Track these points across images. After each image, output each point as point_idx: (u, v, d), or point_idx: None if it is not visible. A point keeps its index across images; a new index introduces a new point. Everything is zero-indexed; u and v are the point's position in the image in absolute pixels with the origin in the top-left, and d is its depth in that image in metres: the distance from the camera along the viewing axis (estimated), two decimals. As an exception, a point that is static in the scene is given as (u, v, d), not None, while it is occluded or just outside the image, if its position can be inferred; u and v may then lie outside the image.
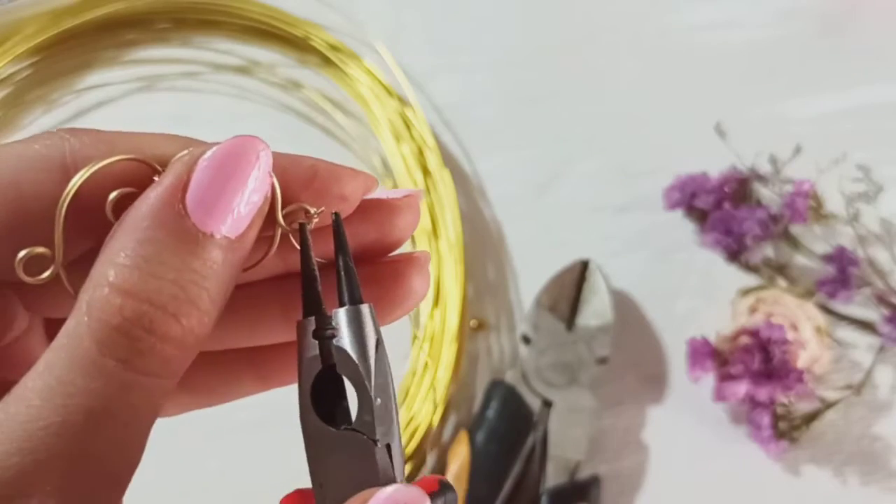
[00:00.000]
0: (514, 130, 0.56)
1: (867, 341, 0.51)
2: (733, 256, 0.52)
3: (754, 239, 0.51)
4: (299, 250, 0.21)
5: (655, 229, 0.53)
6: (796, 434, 0.48)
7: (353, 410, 0.20)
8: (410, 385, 0.50)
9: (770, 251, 0.52)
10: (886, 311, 0.51)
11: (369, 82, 0.55)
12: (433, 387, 0.49)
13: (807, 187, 0.51)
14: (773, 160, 0.53)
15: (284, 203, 0.20)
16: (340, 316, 0.20)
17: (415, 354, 0.50)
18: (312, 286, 0.21)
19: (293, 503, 0.22)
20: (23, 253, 0.19)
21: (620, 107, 0.56)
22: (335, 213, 0.21)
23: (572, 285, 0.50)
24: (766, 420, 0.48)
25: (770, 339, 0.48)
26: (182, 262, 0.18)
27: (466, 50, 0.58)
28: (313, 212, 0.21)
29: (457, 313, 0.50)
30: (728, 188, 0.52)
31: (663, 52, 0.58)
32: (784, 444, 0.48)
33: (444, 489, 0.20)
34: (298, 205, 0.21)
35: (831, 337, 0.51)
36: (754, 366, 0.47)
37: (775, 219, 0.51)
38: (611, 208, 0.54)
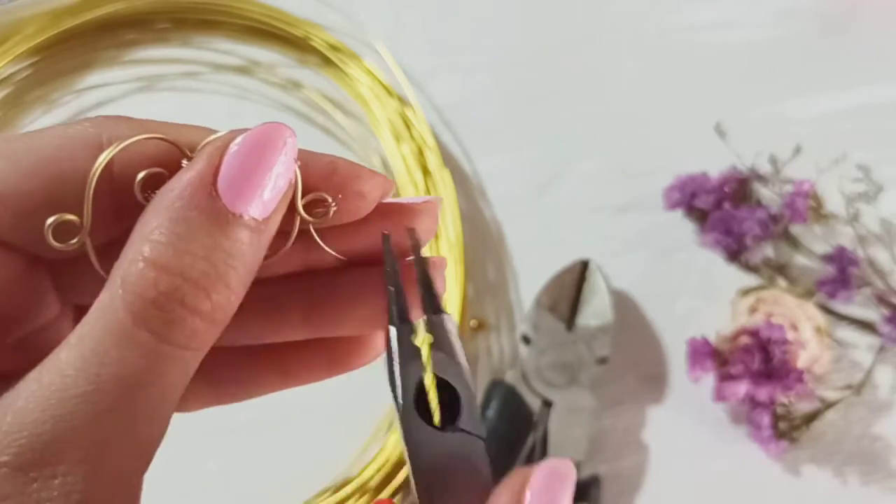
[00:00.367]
0: (514, 130, 0.56)
1: (867, 341, 0.51)
2: (733, 256, 0.52)
3: (754, 239, 0.51)
4: (314, 234, 0.22)
5: (655, 229, 0.53)
6: (796, 434, 0.48)
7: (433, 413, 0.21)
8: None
9: (770, 251, 0.52)
10: (886, 311, 0.51)
11: (369, 82, 0.55)
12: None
13: (807, 187, 0.51)
14: (773, 160, 0.53)
15: (304, 194, 0.21)
16: (428, 324, 0.22)
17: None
18: (402, 296, 0.22)
19: None
20: (52, 218, 0.20)
21: (620, 107, 0.56)
22: (410, 228, 0.23)
23: (572, 285, 0.50)
24: (766, 420, 0.48)
25: (770, 339, 0.48)
26: (213, 240, 0.19)
27: (466, 50, 0.58)
28: (331, 201, 0.21)
29: (457, 313, 0.50)
30: (728, 188, 0.52)
31: (663, 52, 0.58)
32: (784, 444, 0.48)
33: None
34: (317, 194, 0.21)
35: (831, 337, 0.51)
36: (754, 366, 0.47)
37: (775, 219, 0.51)
38: (611, 208, 0.54)
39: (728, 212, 0.51)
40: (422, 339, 0.21)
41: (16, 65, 0.55)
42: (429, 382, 0.21)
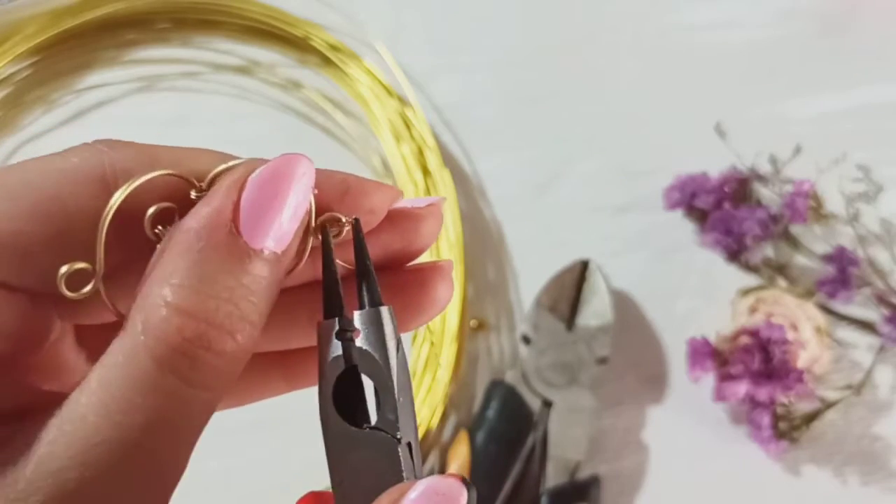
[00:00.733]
0: (514, 130, 0.56)
1: (867, 341, 0.51)
2: (733, 256, 0.52)
3: (754, 239, 0.51)
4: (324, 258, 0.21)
5: (655, 229, 0.53)
6: (796, 434, 0.48)
7: (371, 411, 0.21)
8: (410, 385, 0.50)
9: (770, 251, 0.52)
10: (886, 311, 0.51)
11: (369, 82, 0.55)
12: (444, 384, 0.49)
13: (807, 187, 0.51)
14: (773, 160, 0.53)
15: (317, 214, 0.21)
16: (362, 317, 0.21)
17: (415, 354, 0.50)
18: (334, 288, 0.21)
19: (309, 502, 0.22)
20: (64, 269, 0.19)
21: (620, 107, 0.56)
22: (354, 218, 0.21)
23: (572, 285, 0.50)
24: (766, 420, 0.48)
25: (770, 339, 0.48)
26: (235, 279, 0.19)
27: (466, 50, 0.58)
28: (344, 220, 0.21)
29: (457, 313, 0.50)
30: (728, 188, 0.52)
31: (663, 52, 0.58)
32: (784, 444, 0.48)
33: (467, 487, 0.20)
34: (331, 214, 0.21)
35: (831, 337, 0.51)
36: (754, 366, 0.47)
37: (775, 219, 0.51)
38: (611, 208, 0.54)
39: (728, 212, 0.51)
40: (345, 335, 0.21)
41: (16, 65, 0.55)
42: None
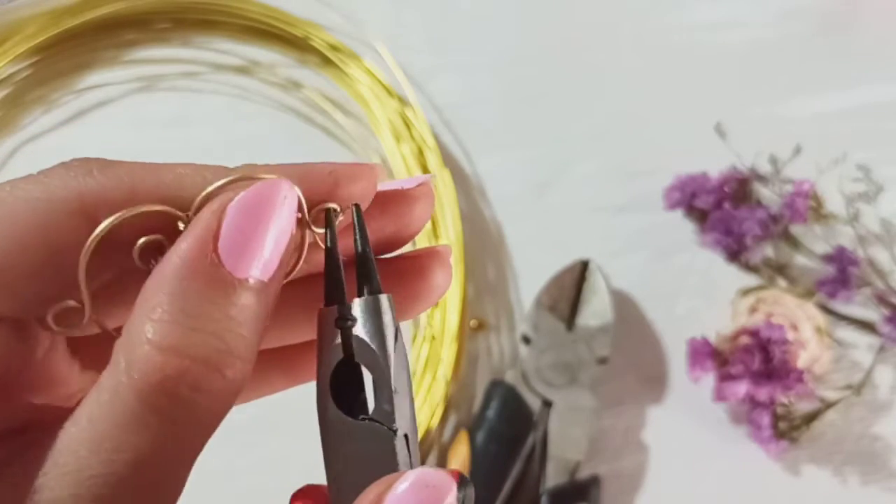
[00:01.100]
0: (514, 130, 0.56)
1: (867, 341, 0.51)
2: (733, 256, 0.52)
3: (754, 239, 0.51)
4: (322, 246, 0.21)
5: (655, 229, 0.53)
6: (796, 434, 0.48)
7: (369, 401, 0.20)
8: (410, 385, 0.50)
9: (770, 251, 0.52)
10: (886, 311, 0.51)
11: (369, 82, 0.55)
12: (446, 382, 0.49)
13: (807, 187, 0.51)
14: (773, 160, 0.53)
15: (309, 207, 0.21)
16: (360, 305, 0.20)
17: (415, 354, 0.50)
18: (336, 276, 0.21)
19: (305, 498, 0.22)
20: (53, 309, 0.19)
21: (620, 107, 0.56)
22: (355, 204, 0.21)
23: (572, 285, 0.50)
24: (766, 420, 0.48)
25: (770, 339, 0.48)
26: (220, 311, 0.18)
27: (466, 50, 0.58)
28: (338, 210, 0.21)
29: (457, 313, 0.50)
30: (728, 188, 0.52)
31: (663, 52, 0.58)
32: (784, 444, 0.48)
33: (463, 482, 0.20)
34: (326, 205, 0.21)
35: (831, 337, 0.51)
36: (754, 366, 0.47)
37: (775, 219, 0.51)
38: (611, 208, 0.54)
39: (728, 212, 0.51)
40: (344, 323, 0.20)
41: (16, 65, 0.55)
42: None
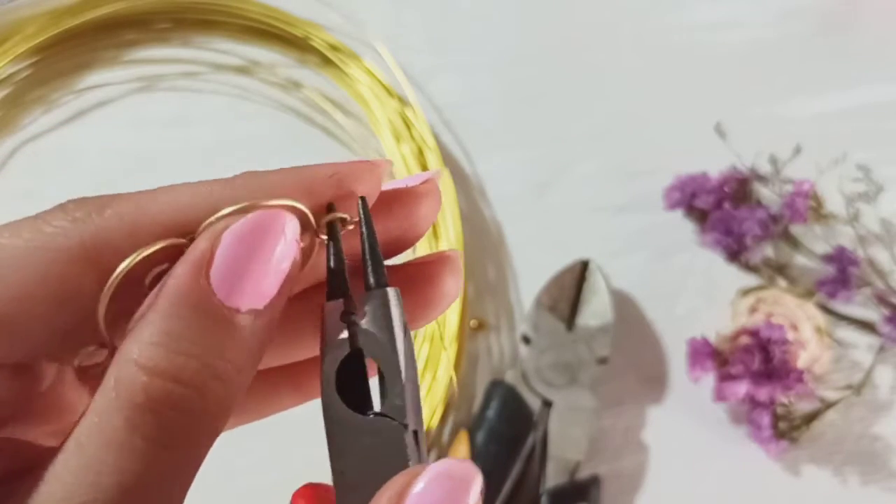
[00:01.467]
0: (514, 130, 0.56)
1: (867, 341, 0.51)
2: (733, 256, 0.52)
3: (754, 239, 0.51)
4: (327, 241, 0.21)
5: (655, 229, 0.53)
6: (796, 434, 0.48)
7: (374, 397, 0.20)
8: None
9: (770, 251, 0.52)
10: (886, 311, 0.51)
11: (369, 82, 0.55)
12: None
13: (807, 187, 0.51)
14: (773, 160, 0.53)
15: (314, 212, 0.20)
16: (367, 299, 0.20)
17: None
18: (339, 268, 0.20)
19: (306, 497, 0.22)
20: (78, 358, 0.19)
21: (620, 107, 0.56)
22: (361, 197, 0.21)
23: (572, 285, 0.50)
24: (766, 420, 0.48)
25: (770, 339, 0.48)
26: (208, 337, 0.18)
27: (466, 50, 0.58)
28: (348, 218, 0.20)
29: (457, 313, 0.50)
30: (728, 188, 0.52)
31: (663, 52, 0.58)
32: (784, 444, 0.48)
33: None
34: (334, 215, 0.20)
35: (831, 337, 0.51)
36: (754, 366, 0.47)
37: (775, 219, 0.51)
38: (611, 208, 0.54)
39: (728, 212, 0.51)
40: (350, 317, 0.20)
41: (16, 65, 0.55)
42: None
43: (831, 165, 0.53)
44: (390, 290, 0.20)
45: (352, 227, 0.21)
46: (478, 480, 0.18)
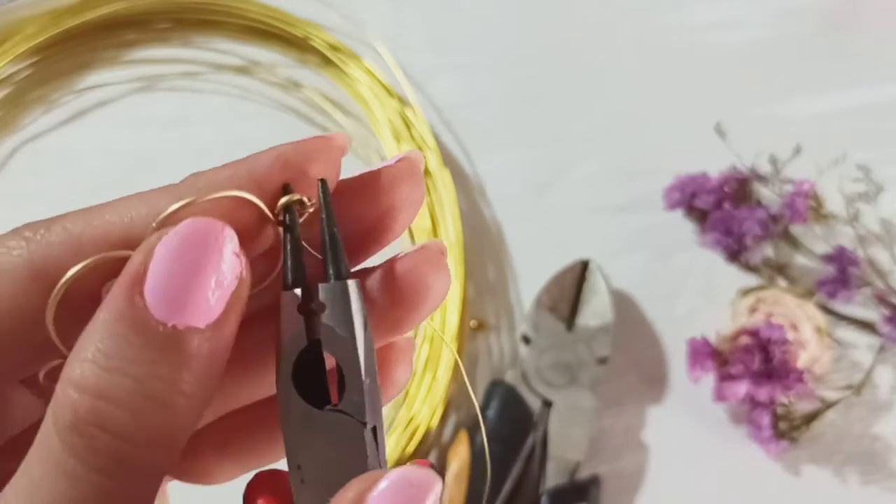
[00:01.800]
0: (514, 130, 0.56)
1: (867, 341, 0.51)
2: (733, 256, 0.52)
3: (754, 239, 0.51)
4: (282, 227, 0.19)
5: (655, 229, 0.53)
6: (796, 434, 0.48)
7: (331, 391, 0.19)
8: (410, 385, 0.50)
9: (770, 251, 0.52)
10: (886, 311, 0.51)
11: (369, 82, 0.55)
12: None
13: (807, 187, 0.51)
14: (773, 160, 0.53)
15: (272, 204, 0.19)
16: (327, 291, 0.19)
17: (415, 354, 0.50)
18: (297, 256, 0.19)
19: (262, 485, 0.20)
20: (42, 372, 0.19)
21: (620, 107, 0.56)
22: (321, 179, 0.19)
23: (572, 285, 0.50)
24: (766, 420, 0.48)
25: (770, 339, 0.48)
26: (144, 356, 0.17)
27: (466, 50, 0.58)
28: (307, 201, 0.19)
29: (457, 313, 0.50)
30: (728, 188, 0.52)
31: (663, 52, 0.58)
32: (784, 444, 0.48)
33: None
34: (289, 198, 0.19)
35: (831, 337, 0.51)
36: (754, 366, 0.47)
37: (775, 219, 0.51)
38: (611, 208, 0.54)
39: (728, 212, 0.51)
40: (309, 308, 0.19)
41: (16, 65, 0.56)
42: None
43: (831, 165, 0.53)
44: (350, 283, 0.19)
45: (312, 211, 0.20)
46: (437, 488, 0.17)
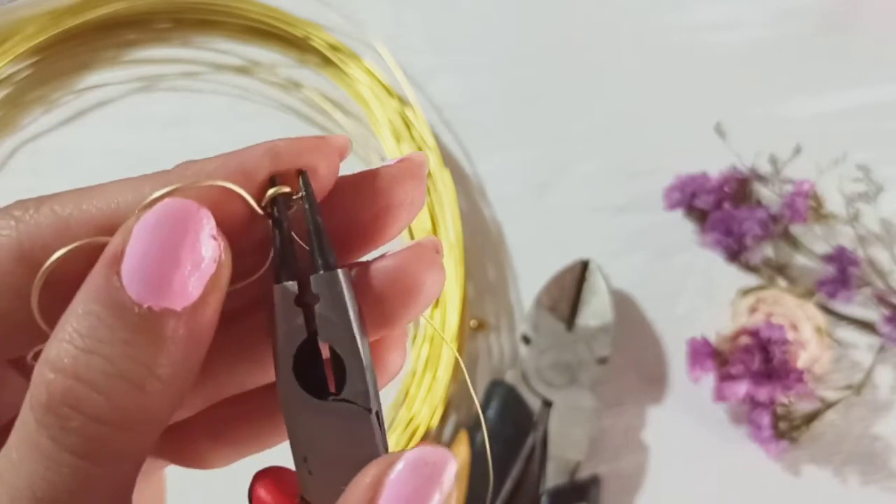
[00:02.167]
0: (514, 130, 0.56)
1: (867, 341, 0.51)
2: (733, 256, 0.52)
3: (754, 239, 0.51)
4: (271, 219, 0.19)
5: (655, 229, 0.53)
6: (796, 434, 0.48)
7: (329, 381, 0.19)
8: (410, 385, 0.50)
9: (770, 251, 0.52)
10: (886, 311, 0.51)
11: (369, 82, 0.55)
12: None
13: (807, 187, 0.51)
14: (773, 160, 0.53)
15: (262, 197, 0.19)
16: (318, 282, 0.19)
17: (415, 354, 0.50)
18: (286, 248, 0.19)
19: (267, 486, 0.20)
20: (30, 356, 0.19)
21: (620, 107, 0.56)
22: (301, 170, 0.19)
23: (572, 285, 0.50)
24: (766, 420, 0.48)
25: (770, 339, 0.48)
26: (118, 337, 0.17)
27: (466, 50, 0.58)
28: (293, 193, 0.19)
29: (457, 313, 0.50)
30: (728, 188, 0.52)
31: (663, 52, 0.58)
32: (784, 444, 0.48)
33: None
34: (276, 190, 0.19)
35: (831, 337, 0.51)
36: (754, 366, 0.47)
37: (775, 219, 0.51)
38: (611, 208, 0.54)
39: (728, 212, 0.51)
40: (305, 300, 0.19)
41: (16, 65, 0.56)
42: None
43: (831, 165, 0.53)
44: (340, 272, 0.19)
45: (298, 200, 0.19)
46: (452, 465, 0.17)
